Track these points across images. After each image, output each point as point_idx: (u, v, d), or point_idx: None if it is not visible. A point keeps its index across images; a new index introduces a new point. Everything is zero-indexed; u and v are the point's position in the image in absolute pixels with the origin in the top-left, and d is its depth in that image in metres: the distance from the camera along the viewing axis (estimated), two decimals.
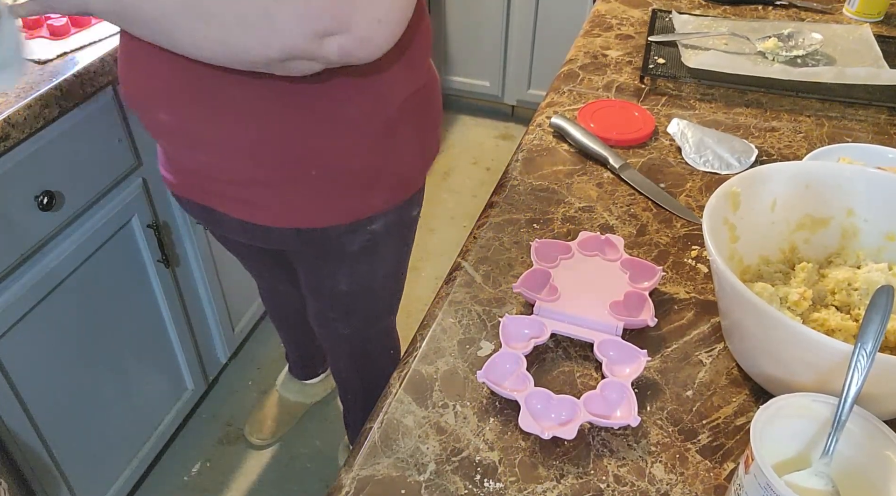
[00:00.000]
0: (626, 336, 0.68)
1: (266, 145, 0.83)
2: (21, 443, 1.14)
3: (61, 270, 1.13)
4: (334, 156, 0.86)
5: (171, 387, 1.53)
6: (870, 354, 0.50)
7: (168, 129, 0.86)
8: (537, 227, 0.83)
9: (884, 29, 1.25)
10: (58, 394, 1.21)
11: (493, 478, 0.57)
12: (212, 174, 0.89)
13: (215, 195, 0.92)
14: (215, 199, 0.93)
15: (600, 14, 1.31)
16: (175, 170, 0.96)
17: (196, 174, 0.91)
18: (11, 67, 0.80)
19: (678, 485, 0.57)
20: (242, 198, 0.90)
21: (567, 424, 0.59)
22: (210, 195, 0.93)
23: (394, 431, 0.61)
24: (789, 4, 1.32)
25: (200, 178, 0.91)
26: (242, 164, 0.85)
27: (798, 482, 0.51)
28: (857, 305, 0.66)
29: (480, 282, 0.75)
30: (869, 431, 0.51)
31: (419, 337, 0.70)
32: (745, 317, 0.59)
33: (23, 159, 1.02)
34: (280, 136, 0.82)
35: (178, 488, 1.58)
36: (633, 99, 1.06)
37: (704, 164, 0.92)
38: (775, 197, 0.71)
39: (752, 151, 0.93)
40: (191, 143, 0.86)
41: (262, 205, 0.90)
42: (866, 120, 1.02)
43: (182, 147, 0.88)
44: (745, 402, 0.64)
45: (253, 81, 0.77)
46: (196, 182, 0.93)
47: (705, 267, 0.77)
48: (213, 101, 0.80)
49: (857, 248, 0.72)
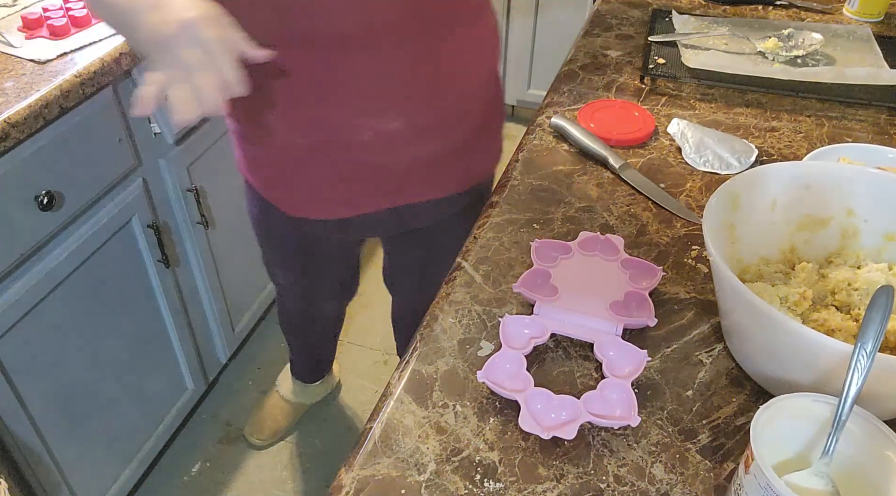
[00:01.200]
0: (626, 336, 0.68)
1: (436, 87, 0.86)
2: (21, 443, 1.14)
3: (61, 270, 1.13)
4: (477, 100, 0.93)
5: (171, 387, 1.53)
6: (870, 354, 0.50)
7: (368, 136, 0.87)
8: (537, 227, 0.83)
9: (884, 29, 1.25)
10: (58, 394, 1.21)
11: (493, 478, 0.57)
12: (402, 159, 0.90)
13: (397, 187, 0.94)
14: (395, 192, 0.95)
15: (600, 14, 1.31)
16: (344, 190, 0.94)
17: (380, 172, 0.92)
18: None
19: (678, 485, 0.57)
20: (430, 174, 0.94)
21: (567, 424, 0.59)
22: (386, 194, 0.95)
23: (394, 431, 0.61)
24: (789, 4, 1.32)
25: (384, 176, 0.92)
26: (426, 119, 0.88)
27: (798, 482, 0.51)
28: (857, 305, 0.66)
29: (480, 282, 0.75)
30: (869, 431, 0.51)
31: (419, 337, 0.70)
32: (745, 318, 0.59)
33: (23, 159, 1.02)
34: (438, 78, 0.86)
35: (178, 488, 1.58)
36: (633, 99, 1.06)
37: (704, 164, 0.92)
38: (775, 197, 0.71)
39: (752, 151, 0.93)
40: (382, 126, 0.87)
41: (446, 170, 0.94)
42: (866, 120, 1.02)
43: (377, 147, 0.88)
44: (745, 402, 0.64)
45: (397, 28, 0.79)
46: (374, 185, 0.93)
47: (705, 267, 0.77)
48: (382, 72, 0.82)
49: (857, 248, 0.72)
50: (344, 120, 0.85)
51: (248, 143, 0.96)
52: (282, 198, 0.99)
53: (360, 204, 0.96)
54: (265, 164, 0.96)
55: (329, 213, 0.98)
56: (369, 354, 1.86)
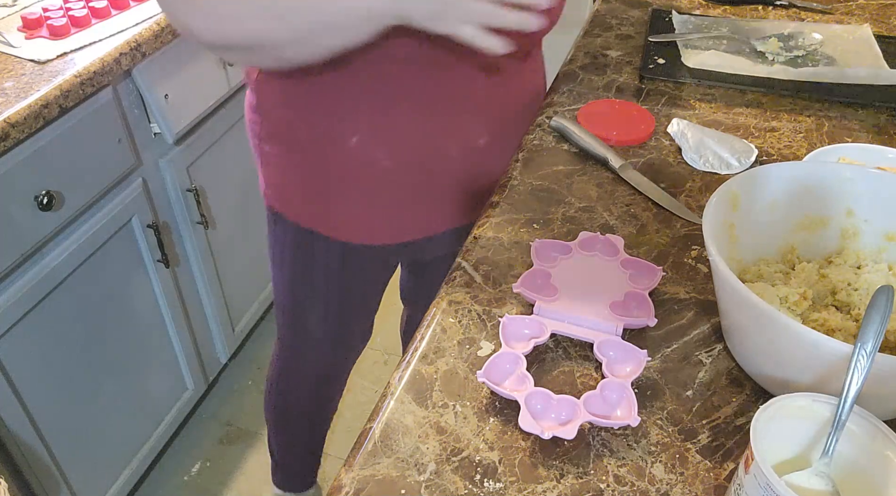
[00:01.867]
0: (626, 336, 0.68)
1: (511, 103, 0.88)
2: (21, 443, 1.14)
3: (61, 270, 1.13)
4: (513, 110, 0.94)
5: (171, 387, 1.53)
6: (870, 354, 0.50)
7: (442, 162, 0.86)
8: (537, 227, 0.83)
9: (884, 29, 1.25)
10: (58, 394, 1.21)
11: (493, 478, 0.57)
12: (479, 176, 0.90)
13: (467, 206, 0.93)
14: (463, 212, 0.94)
15: (600, 14, 1.31)
16: (418, 211, 0.92)
17: (456, 191, 0.91)
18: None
19: (678, 485, 0.57)
20: (477, 194, 0.92)
21: (567, 424, 0.59)
22: (456, 214, 0.93)
23: (394, 431, 0.61)
24: (789, 4, 1.32)
25: (458, 195, 0.91)
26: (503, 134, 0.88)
27: (798, 482, 0.51)
28: (857, 305, 0.66)
29: (480, 282, 0.75)
30: (869, 431, 0.51)
31: (419, 337, 0.70)
32: (744, 318, 0.59)
33: (23, 159, 1.02)
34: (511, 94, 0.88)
35: (178, 488, 1.58)
36: (633, 99, 1.06)
37: (704, 164, 0.92)
38: (775, 197, 0.71)
39: (752, 151, 0.93)
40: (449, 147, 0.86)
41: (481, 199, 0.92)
42: (866, 120, 1.02)
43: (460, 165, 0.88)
44: (745, 402, 0.64)
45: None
46: (448, 204, 0.92)
47: (705, 267, 0.77)
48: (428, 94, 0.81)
49: (857, 248, 0.72)
50: (436, 136, 0.83)
51: (299, 168, 0.89)
52: (337, 225, 0.93)
53: (429, 225, 0.93)
54: (325, 189, 0.89)
55: (394, 237, 0.94)
56: (369, 354, 1.86)
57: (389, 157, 0.84)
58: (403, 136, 0.83)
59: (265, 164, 0.94)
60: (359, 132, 0.83)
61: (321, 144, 0.86)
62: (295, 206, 0.94)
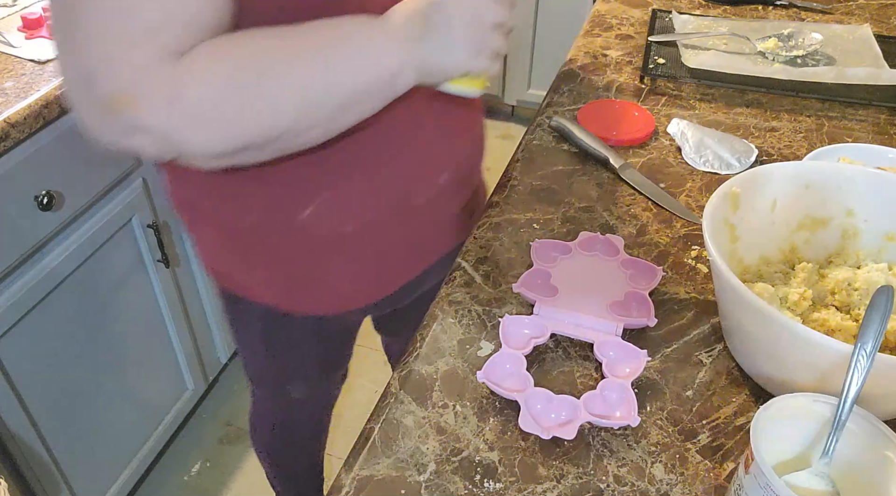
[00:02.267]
0: (626, 336, 0.68)
1: (469, 133, 0.82)
2: (21, 443, 1.14)
3: (61, 270, 1.13)
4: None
5: (171, 387, 1.53)
6: (870, 354, 0.50)
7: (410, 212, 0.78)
8: (537, 227, 0.83)
9: (884, 29, 1.25)
10: (58, 394, 1.21)
11: (493, 478, 0.57)
12: (446, 213, 0.83)
13: (437, 243, 0.86)
14: (434, 249, 0.86)
15: (600, 14, 1.31)
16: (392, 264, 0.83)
17: (427, 231, 0.83)
18: None
19: (678, 486, 0.57)
20: (450, 226, 0.86)
21: (567, 424, 0.59)
22: (428, 253, 0.85)
23: (394, 431, 0.61)
24: (789, 4, 1.32)
25: (429, 235, 0.84)
26: (466, 168, 0.83)
27: (798, 482, 0.51)
28: (857, 305, 0.66)
29: (480, 283, 0.75)
30: (869, 431, 0.51)
31: (419, 337, 0.70)
32: (745, 318, 0.59)
33: (23, 159, 1.02)
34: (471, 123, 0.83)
35: (178, 488, 1.58)
36: (633, 99, 1.06)
37: (704, 164, 0.92)
38: (775, 197, 0.71)
39: (752, 151, 0.93)
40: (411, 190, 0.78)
41: (458, 224, 0.86)
42: (866, 120, 1.02)
43: (428, 205, 0.80)
44: (745, 402, 0.64)
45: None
46: (420, 248, 0.84)
47: (705, 267, 0.77)
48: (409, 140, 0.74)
49: (857, 248, 0.72)
50: (398, 188, 0.75)
51: (260, 247, 0.78)
52: (309, 300, 0.83)
53: (403, 274, 0.85)
54: (286, 267, 0.79)
55: (369, 297, 0.84)
56: (369, 354, 1.86)
57: (350, 220, 0.75)
58: (363, 197, 0.74)
59: (204, 247, 0.84)
60: (312, 203, 0.73)
61: (268, 224, 0.75)
62: (251, 289, 0.83)
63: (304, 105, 0.59)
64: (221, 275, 0.85)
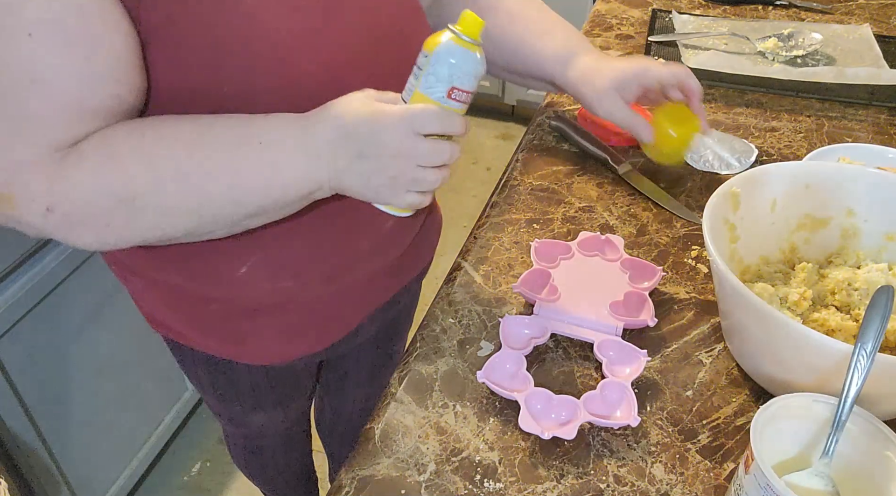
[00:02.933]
0: (626, 336, 0.68)
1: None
2: (21, 443, 1.14)
3: (61, 270, 1.13)
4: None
5: (170, 388, 1.53)
6: (870, 354, 0.50)
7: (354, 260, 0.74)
8: (537, 226, 0.83)
9: (884, 29, 1.25)
10: (58, 394, 1.21)
11: (493, 478, 0.57)
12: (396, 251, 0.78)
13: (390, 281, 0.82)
14: (388, 287, 0.82)
15: (600, 14, 1.31)
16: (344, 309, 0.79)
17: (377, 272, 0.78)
18: None
19: (678, 486, 0.57)
20: (415, 251, 0.82)
21: (567, 424, 0.59)
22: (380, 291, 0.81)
23: (394, 431, 0.61)
24: (789, 4, 1.32)
25: (380, 275, 0.79)
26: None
27: (798, 482, 0.51)
28: (857, 305, 0.66)
29: (480, 282, 0.75)
30: (869, 431, 0.51)
31: (419, 337, 0.70)
32: (745, 318, 0.59)
33: None
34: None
35: (178, 488, 1.58)
36: None
37: (704, 165, 0.92)
38: (775, 197, 0.71)
39: (752, 151, 0.93)
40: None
41: (408, 262, 0.82)
42: (866, 120, 1.02)
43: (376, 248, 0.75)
44: (745, 402, 0.64)
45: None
46: (370, 289, 0.79)
47: (705, 267, 0.77)
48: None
49: (857, 248, 0.72)
50: (340, 241, 0.71)
51: (191, 304, 0.74)
52: (245, 352, 0.79)
53: (353, 318, 0.81)
54: (220, 322, 0.75)
55: (318, 343, 0.80)
56: None
57: (291, 276, 0.70)
58: (303, 253, 0.69)
59: (138, 296, 0.80)
60: (249, 261, 0.68)
61: (198, 283, 0.71)
62: (190, 338, 0.79)
63: (205, 214, 0.56)
64: (158, 323, 0.80)
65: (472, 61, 0.56)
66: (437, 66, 0.55)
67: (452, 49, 0.55)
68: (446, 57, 0.55)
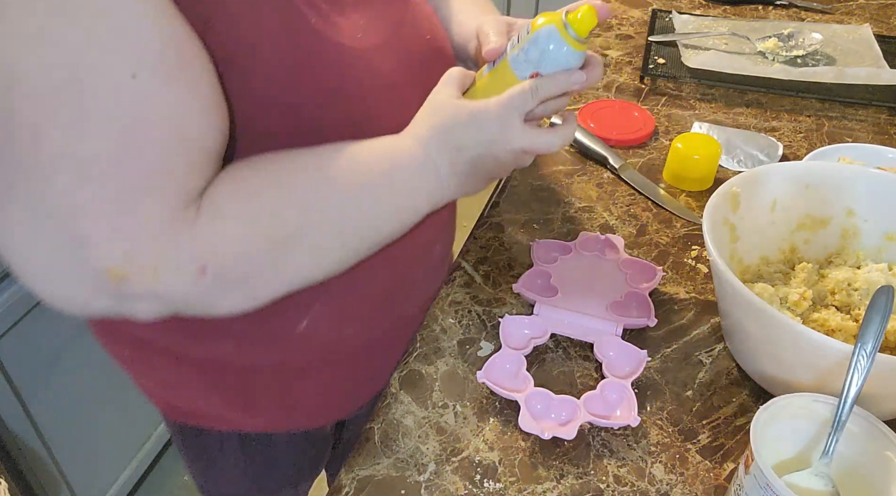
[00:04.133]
0: (626, 336, 0.68)
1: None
2: (21, 443, 1.14)
3: None
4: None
5: None
6: (870, 354, 0.50)
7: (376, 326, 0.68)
8: (537, 227, 0.83)
9: (884, 29, 1.25)
10: (58, 394, 1.21)
11: (493, 478, 0.57)
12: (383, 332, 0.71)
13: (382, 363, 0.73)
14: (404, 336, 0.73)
15: None
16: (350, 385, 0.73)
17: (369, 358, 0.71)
18: None
19: (678, 486, 0.57)
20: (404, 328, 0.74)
21: (567, 424, 0.59)
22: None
23: (394, 431, 0.61)
24: (789, 4, 1.32)
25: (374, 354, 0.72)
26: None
27: (798, 482, 0.51)
28: (857, 305, 0.66)
29: (480, 283, 0.75)
30: (869, 431, 0.51)
31: (419, 337, 0.70)
32: (745, 318, 0.59)
33: None
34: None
35: (178, 488, 1.58)
36: (633, 99, 1.06)
37: (738, 164, 0.92)
38: (775, 197, 0.71)
39: (777, 146, 0.93)
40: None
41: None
42: (866, 120, 1.02)
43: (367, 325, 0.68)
44: (745, 402, 0.63)
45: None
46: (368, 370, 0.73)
47: (705, 267, 0.77)
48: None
49: (857, 248, 0.72)
50: (401, 274, 0.67)
51: (254, 368, 0.66)
52: (304, 412, 0.72)
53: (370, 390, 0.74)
54: (284, 382, 0.68)
55: (358, 401, 0.75)
56: None
57: (358, 319, 0.65)
58: (367, 289, 0.64)
59: (155, 383, 0.72)
60: (309, 313, 0.62)
61: (255, 346, 0.63)
62: (233, 420, 0.71)
63: (348, 245, 0.52)
64: (182, 412, 0.72)
65: (566, 56, 0.54)
66: (532, 46, 0.54)
67: (553, 37, 0.54)
68: (545, 42, 0.54)
